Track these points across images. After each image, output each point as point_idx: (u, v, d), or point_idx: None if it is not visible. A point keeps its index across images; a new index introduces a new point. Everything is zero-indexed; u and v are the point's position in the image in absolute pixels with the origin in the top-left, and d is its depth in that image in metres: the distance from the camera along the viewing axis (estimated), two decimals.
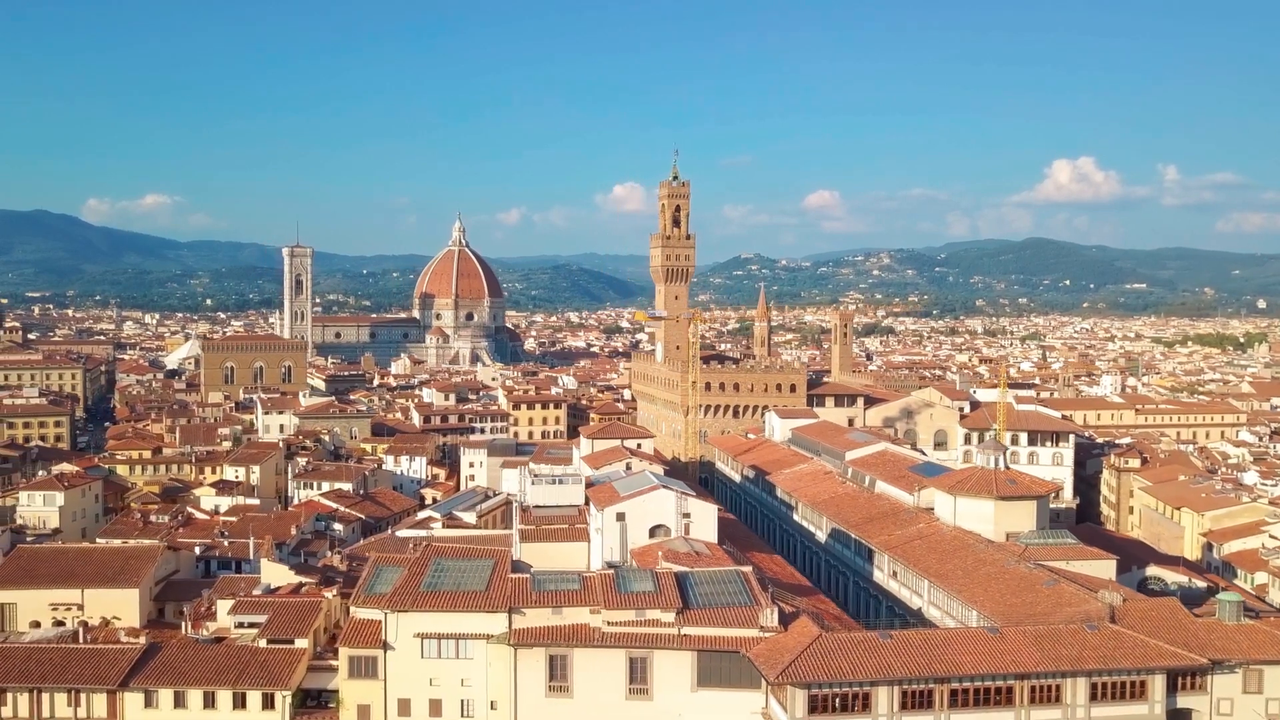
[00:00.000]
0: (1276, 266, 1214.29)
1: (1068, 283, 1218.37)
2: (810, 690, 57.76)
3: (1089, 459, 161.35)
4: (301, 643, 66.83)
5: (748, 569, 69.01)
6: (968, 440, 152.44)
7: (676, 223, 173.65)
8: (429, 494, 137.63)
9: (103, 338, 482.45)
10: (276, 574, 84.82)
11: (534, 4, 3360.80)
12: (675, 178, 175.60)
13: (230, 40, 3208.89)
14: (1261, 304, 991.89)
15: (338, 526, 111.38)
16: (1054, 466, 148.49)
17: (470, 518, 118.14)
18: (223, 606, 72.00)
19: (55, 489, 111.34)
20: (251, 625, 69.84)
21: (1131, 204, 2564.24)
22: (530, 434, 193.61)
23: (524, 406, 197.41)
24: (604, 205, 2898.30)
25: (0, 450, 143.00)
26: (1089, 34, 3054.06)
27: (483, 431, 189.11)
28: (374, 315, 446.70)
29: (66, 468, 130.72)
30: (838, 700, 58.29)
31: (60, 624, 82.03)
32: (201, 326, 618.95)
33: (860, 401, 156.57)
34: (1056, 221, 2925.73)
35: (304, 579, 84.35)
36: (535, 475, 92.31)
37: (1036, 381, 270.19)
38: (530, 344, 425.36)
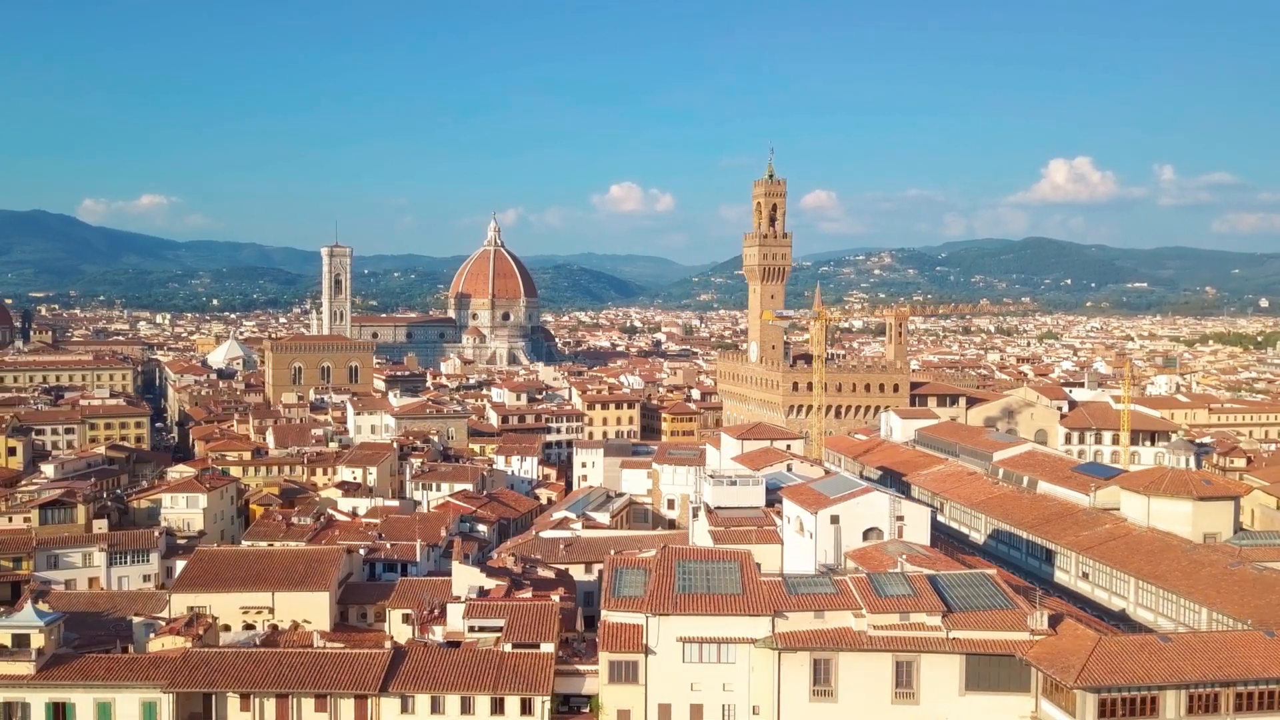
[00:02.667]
0: (1276, 266, 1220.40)
1: (1069, 282, 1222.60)
2: (1100, 694, 57.25)
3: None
4: (547, 647, 66.05)
5: (992, 570, 68.54)
6: (1068, 440, 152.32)
7: (773, 221, 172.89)
8: (543, 494, 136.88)
9: (121, 338, 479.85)
10: (468, 577, 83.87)
11: (532, 4, 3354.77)
12: (771, 176, 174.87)
13: (227, 40, 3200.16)
14: (1264, 303, 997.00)
15: (481, 528, 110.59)
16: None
17: (604, 518, 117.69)
18: (454, 611, 71.06)
19: (198, 491, 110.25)
20: (485, 629, 69.00)
21: (1128, 204, 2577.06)
22: (604, 434, 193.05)
23: (598, 406, 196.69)
24: (601, 205, 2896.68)
25: (107, 452, 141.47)
26: (1085, 34, 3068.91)
27: (558, 431, 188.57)
28: (411, 315, 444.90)
29: (185, 470, 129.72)
30: (1125, 704, 57.77)
31: (250, 627, 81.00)
32: (215, 326, 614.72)
33: (962, 401, 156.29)
34: (1053, 221, 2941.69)
35: (496, 581, 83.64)
36: (714, 477, 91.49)
37: (1084, 382, 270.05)
38: (556, 344, 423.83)
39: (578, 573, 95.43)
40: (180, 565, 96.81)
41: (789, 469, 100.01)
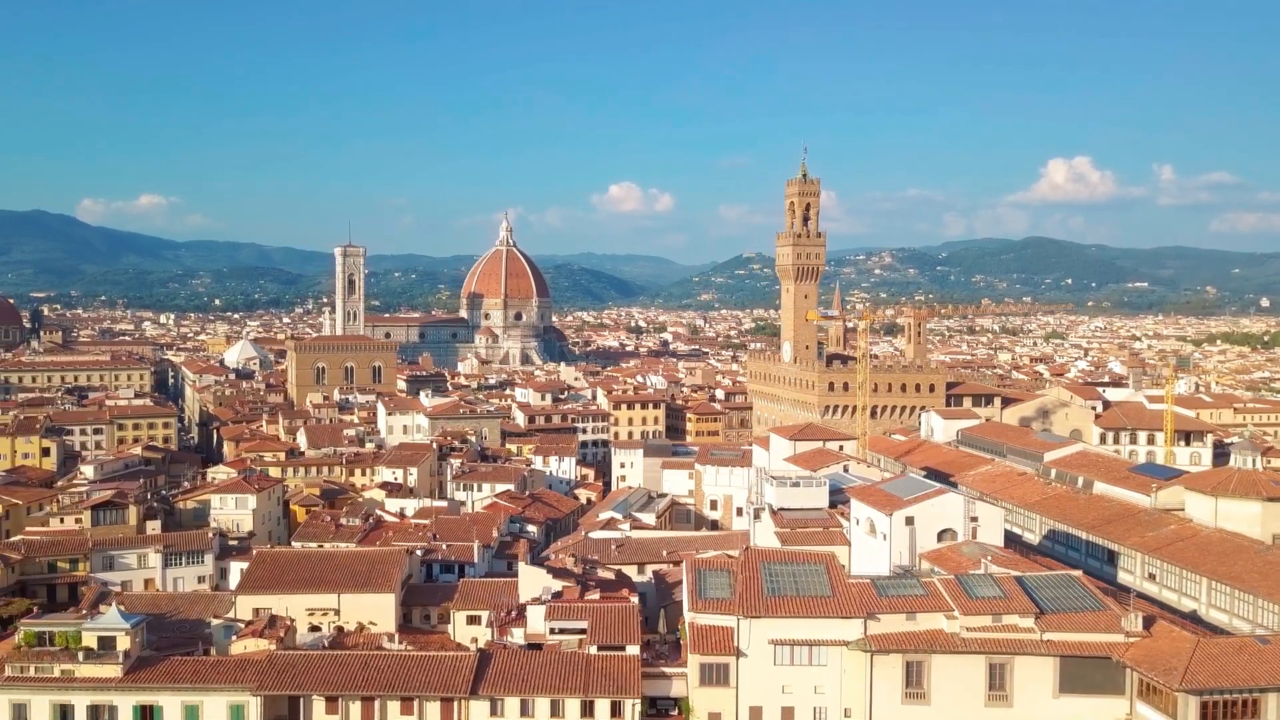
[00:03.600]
0: (1276, 265, 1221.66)
1: (1069, 282, 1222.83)
2: (1202, 697, 56.93)
3: (1215, 457, 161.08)
4: (632, 649, 65.66)
5: (1078, 572, 68.24)
6: (1103, 439, 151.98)
7: (806, 220, 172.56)
8: (582, 494, 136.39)
9: (128, 338, 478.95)
10: (535, 578, 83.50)
11: (530, 4, 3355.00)
12: (804, 175, 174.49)
13: (225, 41, 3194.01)
14: (1265, 302, 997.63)
15: (531, 528, 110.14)
16: (1192, 466, 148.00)
17: (649, 519, 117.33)
18: (534, 613, 70.58)
19: (247, 492, 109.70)
20: (566, 631, 68.56)
21: (1127, 204, 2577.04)
22: (630, 434, 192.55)
23: (623, 407, 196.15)
24: (600, 205, 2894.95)
25: (144, 453, 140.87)
26: (1084, 34, 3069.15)
27: (584, 431, 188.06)
28: (415, 315, 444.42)
29: (225, 470, 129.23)
30: (1227, 707, 57.45)
31: (315, 629, 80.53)
32: (221, 327, 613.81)
33: (997, 401, 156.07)
34: (1052, 221, 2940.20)
35: (563, 583, 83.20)
36: (776, 478, 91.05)
37: (1107, 381, 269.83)
38: (568, 344, 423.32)
39: (631, 573, 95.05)
40: (234, 567, 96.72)
41: (845, 470, 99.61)
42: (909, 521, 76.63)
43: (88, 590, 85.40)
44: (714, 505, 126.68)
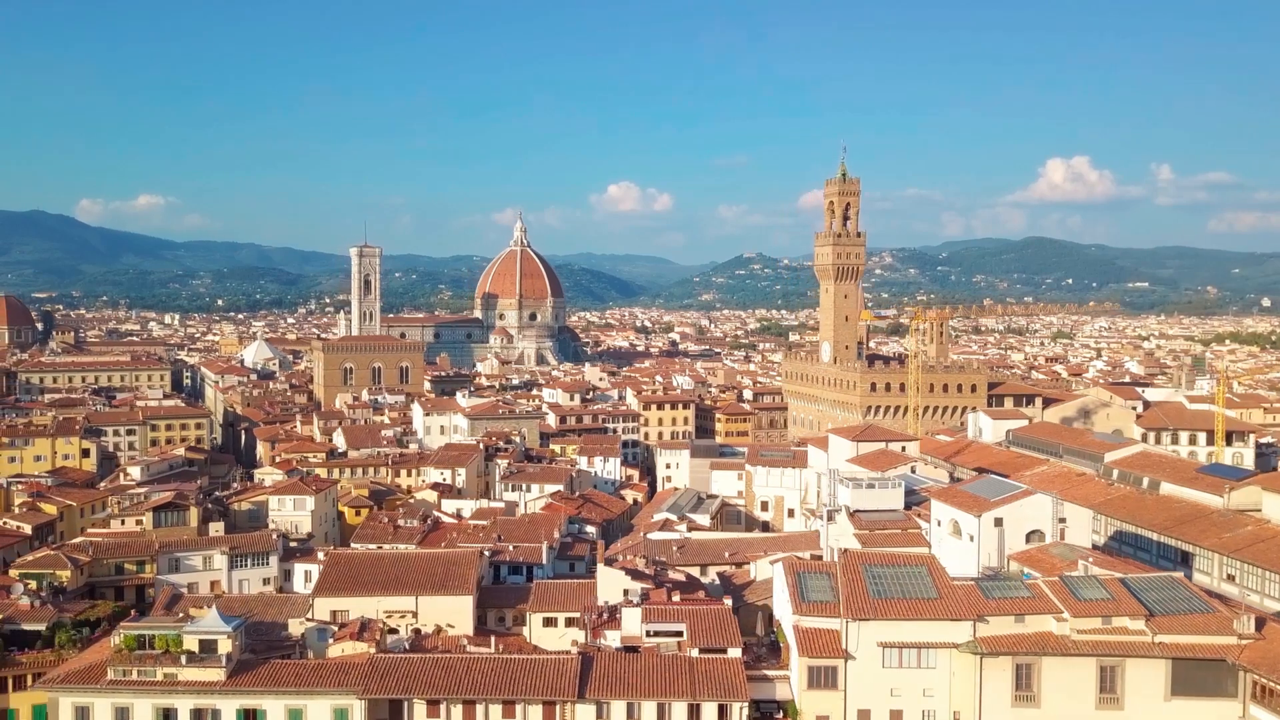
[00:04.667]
0: (1276, 265, 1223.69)
1: (1070, 281, 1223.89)
2: None
3: (1257, 456, 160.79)
4: (734, 652, 65.22)
5: (1179, 574, 67.78)
6: (1144, 440, 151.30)
7: (845, 220, 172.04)
8: (628, 495, 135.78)
9: (135, 339, 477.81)
10: (614, 580, 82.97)
11: (529, 4, 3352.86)
12: (844, 175, 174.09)
13: (222, 41, 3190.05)
14: (1266, 302, 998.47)
15: (589, 529, 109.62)
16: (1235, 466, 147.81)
17: (704, 520, 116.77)
18: (629, 615, 69.97)
19: (305, 493, 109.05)
20: (663, 634, 68.03)
21: (1125, 203, 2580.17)
22: (660, 434, 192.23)
23: (653, 407, 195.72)
24: (599, 205, 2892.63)
25: (187, 454, 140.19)
26: (1082, 33, 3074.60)
27: (614, 432, 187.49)
28: (420, 315, 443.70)
29: (272, 471, 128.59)
30: None
31: (393, 631, 79.84)
32: (226, 327, 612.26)
33: (1038, 401, 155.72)
34: (1050, 221, 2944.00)
35: (642, 585, 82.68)
36: (851, 480, 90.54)
37: (1127, 380, 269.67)
38: (583, 344, 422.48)
39: (694, 574, 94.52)
40: (298, 568, 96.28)
41: (913, 471, 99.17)
42: (998, 523, 76.21)
43: (161, 593, 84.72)
44: (765, 506, 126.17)
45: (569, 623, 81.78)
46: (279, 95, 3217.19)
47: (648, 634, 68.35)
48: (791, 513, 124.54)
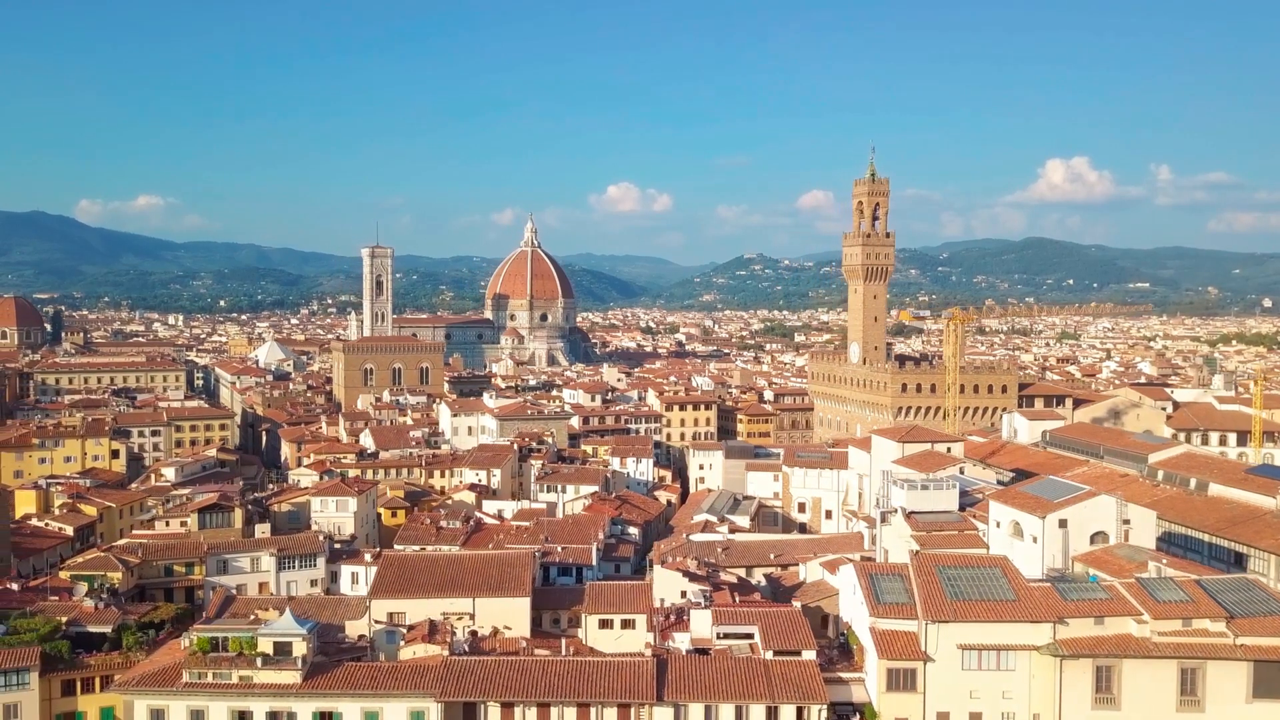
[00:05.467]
0: (1276, 265, 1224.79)
1: (1071, 282, 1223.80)
2: None
3: None
4: (809, 654, 64.89)
5: (1252, 575, 67.46)
6: (1174, 440, 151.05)
7: (875, 220, 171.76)
8: (661, 495, 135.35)
9: (141, 339, 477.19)
10: (671, 581, 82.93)
11: (528, 5, 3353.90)
12: (873, 175, 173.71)
13: (221, 41, 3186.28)
14: (1268, 303, 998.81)
15: (632, 530, 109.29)
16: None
17: (744, 521, 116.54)
18: (698, 617, 69.70)
19: (347, 494, 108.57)
20: (735, 636, 67.72)
21: (1125, 204, 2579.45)
22: (682, 435, 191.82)
23: (675, 408, 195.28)
24: (598, 205, 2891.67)
25: (219, 455, 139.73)
26: (1081, 34, 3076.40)
27: (636, 433, 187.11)
28: (445, 315, 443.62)
29: (307, 473, 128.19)
30: None
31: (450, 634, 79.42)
32: (231, 328, 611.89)
33: (1068, 402, 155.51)
34: (1050, 221, 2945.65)
35: (699, 586, 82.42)
36: (906, 481, 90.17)
37: (1143, 380, 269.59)
38: (593, 345, 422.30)
39: (740, 576, 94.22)
40: (345, 570, 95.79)
41: (961, 472, 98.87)
42: (1062, 524, 75.87)
43: (215, 594, 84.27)
44: (802, 508, 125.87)
45: (625, 624, 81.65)
46: (278, 96, 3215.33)
47: (718, 636, 68.04)
48: (829, 514, 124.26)
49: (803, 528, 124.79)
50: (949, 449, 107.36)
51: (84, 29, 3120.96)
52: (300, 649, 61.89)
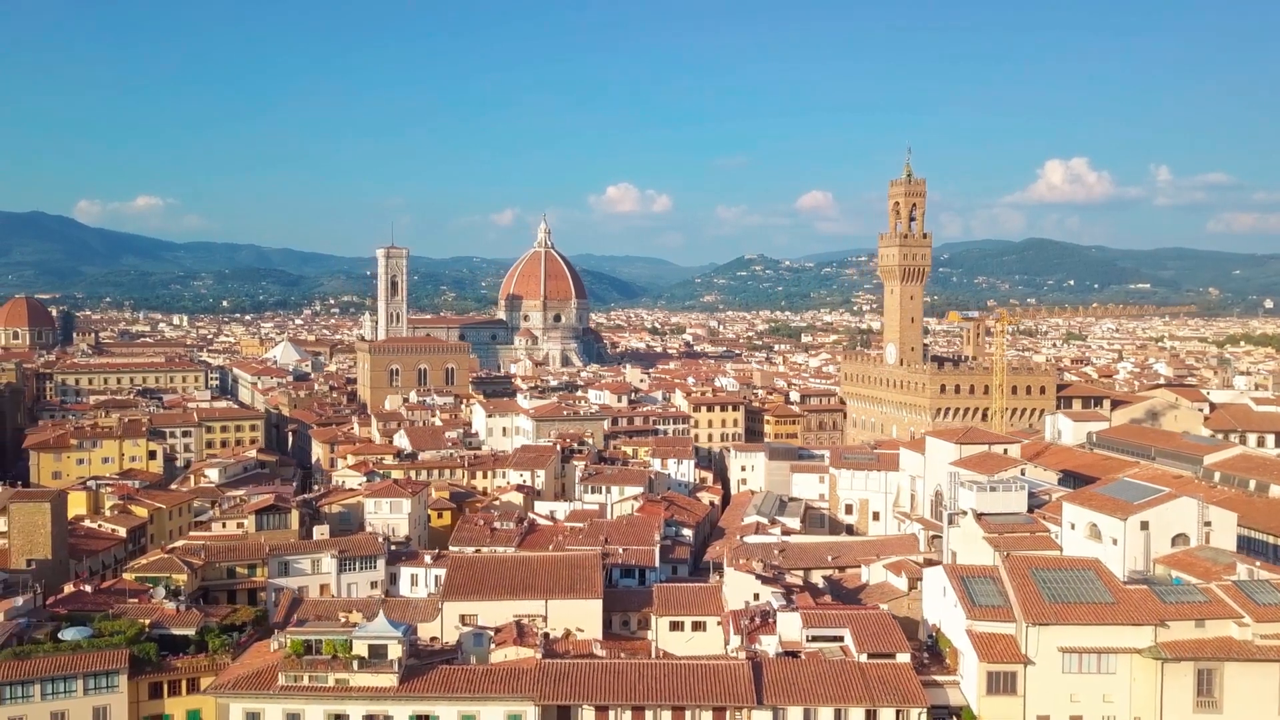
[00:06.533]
0: (1276, 266, 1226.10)
1: (1071, 283, 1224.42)
2: None
3: None
4: (903, 657, 64.48)
5: None
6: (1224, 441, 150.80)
7: (911, 220, 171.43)
8: (704, 497, 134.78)
9: (148, 340, 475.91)
10: (743, 584, 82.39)
11: (527, 5, 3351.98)
12: (909, 175, 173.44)
13: (220, 42, 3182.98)
14: (1269, 304, 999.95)
15: (685, 532, 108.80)
16: None
17: (794, 523, 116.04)
18: (785, 620, 69.17)
19: (401, 495, 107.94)
20: (824, 639, 67.30)
21: (1124, 204, 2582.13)
22: (710, 436, 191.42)
23: (703, 409, 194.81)
24: (597, 206, 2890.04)
25: (259, 456, 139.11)
26: (1081, 34, 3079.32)
27: (665, 434, 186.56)
28: (443, 316, 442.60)
29: (351, 474, 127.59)
30: None
31: None
32: (236, 328, 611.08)
33: (1106, 403, 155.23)
34: (1049, 222, 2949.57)
35: (772, 589, 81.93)
36: (973, 483, 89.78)
37: (1162, 381, 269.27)
38: (606, 346, 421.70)
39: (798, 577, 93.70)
40: (404, 572, 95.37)
41: (1022, 473, 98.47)
42: (1144, 526, 75.50)
43: (282, 596, 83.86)
44: (849, 510, 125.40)
45: (695, 626, 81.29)
46: (278, 96, 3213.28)
47: (809, 639, 67.59)
48: (876, 515, 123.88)
49: (850, 529, 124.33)
50: (1006, 450, 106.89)
51: (84, 29, 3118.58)
52: (395, 651, 61.40)
